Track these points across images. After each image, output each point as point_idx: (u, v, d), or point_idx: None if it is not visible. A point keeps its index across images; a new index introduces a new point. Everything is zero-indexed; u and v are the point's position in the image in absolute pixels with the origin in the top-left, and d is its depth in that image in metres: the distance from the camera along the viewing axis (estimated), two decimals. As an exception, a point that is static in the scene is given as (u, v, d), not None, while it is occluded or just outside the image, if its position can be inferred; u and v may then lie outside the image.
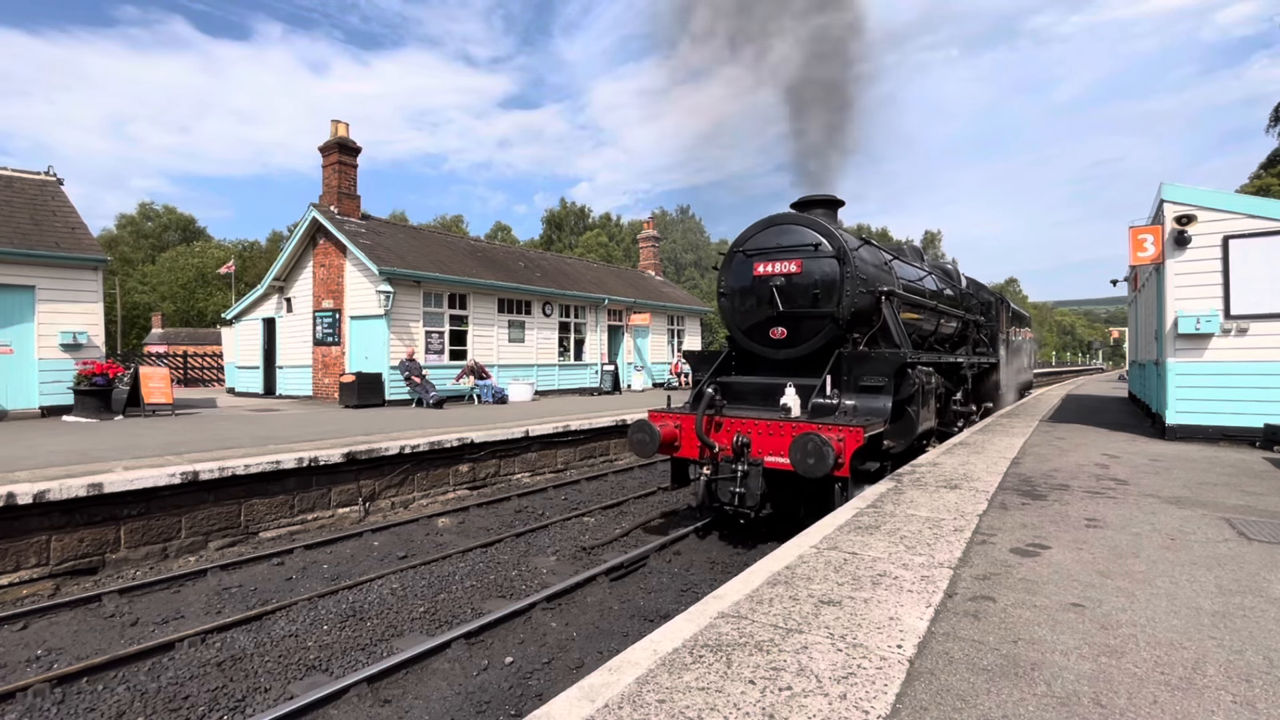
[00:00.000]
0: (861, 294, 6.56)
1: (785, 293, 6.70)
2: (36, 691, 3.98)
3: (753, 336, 7.06)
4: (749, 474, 5.91)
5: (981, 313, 12.07)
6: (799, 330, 6.74)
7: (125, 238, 62.14)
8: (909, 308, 7.88)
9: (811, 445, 5.24)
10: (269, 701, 3.94)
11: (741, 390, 7.02)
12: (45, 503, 5.90)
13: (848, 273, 6.42)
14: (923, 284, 8.93)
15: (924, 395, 6.61)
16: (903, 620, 2.52)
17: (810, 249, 6.62)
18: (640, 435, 6.44)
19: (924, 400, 6.62)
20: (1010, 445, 7.68)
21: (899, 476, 5.53)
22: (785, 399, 6.20)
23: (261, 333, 19.94)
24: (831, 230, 6.64)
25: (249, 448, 8.32)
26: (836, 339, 6.56)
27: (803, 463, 5.27)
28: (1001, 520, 4.22)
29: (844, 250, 6.49)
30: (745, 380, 7.11)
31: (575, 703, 1.91)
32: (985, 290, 13.10)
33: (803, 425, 5.70)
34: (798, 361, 6.75)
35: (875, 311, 6.88)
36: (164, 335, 45.50)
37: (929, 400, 6.89)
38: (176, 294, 53.75)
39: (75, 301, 12.86)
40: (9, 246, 12.05)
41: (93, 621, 5.17)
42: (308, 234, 17.82)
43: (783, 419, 5.94)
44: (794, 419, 5.96)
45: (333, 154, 17.63)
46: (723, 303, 7.37)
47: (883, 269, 7.35)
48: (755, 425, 6.01)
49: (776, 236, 6.88)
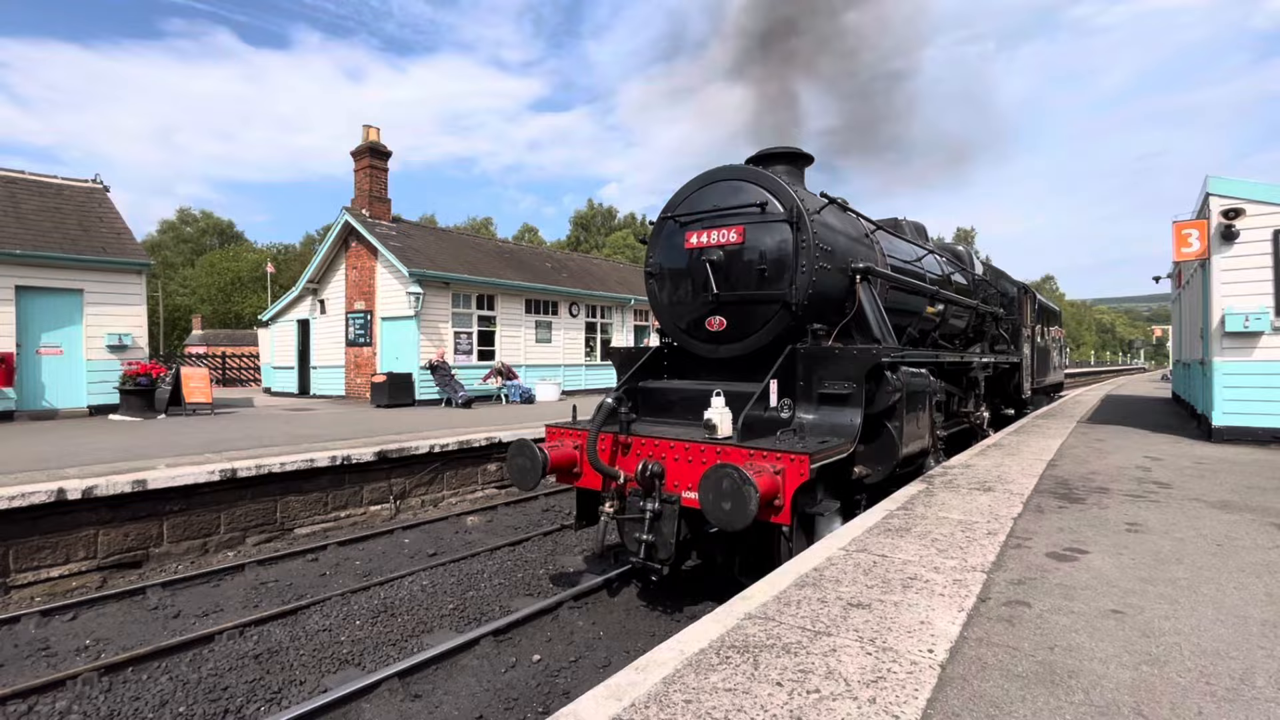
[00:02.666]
0: (825, 271, 5.07)
1: (723, 270, 5.17)
2: (85, 680, 4.14)
3: (687, 329, 5.56)
4: (661, 514, 4.46)
5: (1002, 305, 10.60)
6: (742, 320, 5.22)
7: (167, 242, 64.21)
8: (900, 293, 6.45)
9: (727, 484, 3.73)
10: (304, 694, 4.04)
11: (666, 399, 5.44)
12: (93, 498, 6.13)
13: (804, 242, 4.91)
14: (921, 265, 7.48)
15: (911, 404, 5.07)
16: (934, 624, 2.48)
17: (754, 210, 5.07)
18: (520, 461, 4.81)
19: (911, 411, 5.08)
20: (1046, 447, 7.49)
21: (930, 478, 5.43)
22: (710, 413, 4.52)
23: (296, 334, 20.43)
24: (783, 186, 5.09)
25: (284, 446, 8.52)
26: (791, 331, 5.07)
27: (714, 508, 3.80)
28: (1037, 524, 4.11)
29: (798, 211, 4.94)
30: (671, 386, 5.55)
31: (602, 701, 1.92)
32: (1006, 279, 11.49)
33: (731, 451, 4.22)
34: (743, 361, 5.28)
35: (848, 296, 5.38)
36: (203, 336, 46.91)
37: (920, 410, 5.31)
38: (214, 296, 55.37)
39: (121, 304, 13.33)
40: (59, 252, 12.55)
41: (137, 613, 5.36)
42: (340, 237, 18.20)
43: (705, 441, 4.42)
44: (719, 440, 4.38)
45: (364, 158, 17.98)
46: (650, 286, 5.81)
47: (860, 241, 5.86)
48: (671, 448, 4.54)
49: (713, 196, 5.34)
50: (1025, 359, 11.17)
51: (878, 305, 5.47)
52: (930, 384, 5.51)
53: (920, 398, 5.31)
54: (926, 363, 5.96)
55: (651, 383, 5.67)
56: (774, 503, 3.95)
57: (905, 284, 6.51)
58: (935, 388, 5.80)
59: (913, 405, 5.12)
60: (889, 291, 6.11)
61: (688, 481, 4.40)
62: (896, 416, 4.87)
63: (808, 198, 5.27)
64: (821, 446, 4.26)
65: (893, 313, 5.96)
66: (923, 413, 5.41)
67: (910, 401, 5.02)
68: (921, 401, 5.35)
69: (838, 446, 4.44)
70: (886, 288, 6.05)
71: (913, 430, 5.15)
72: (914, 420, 5.16)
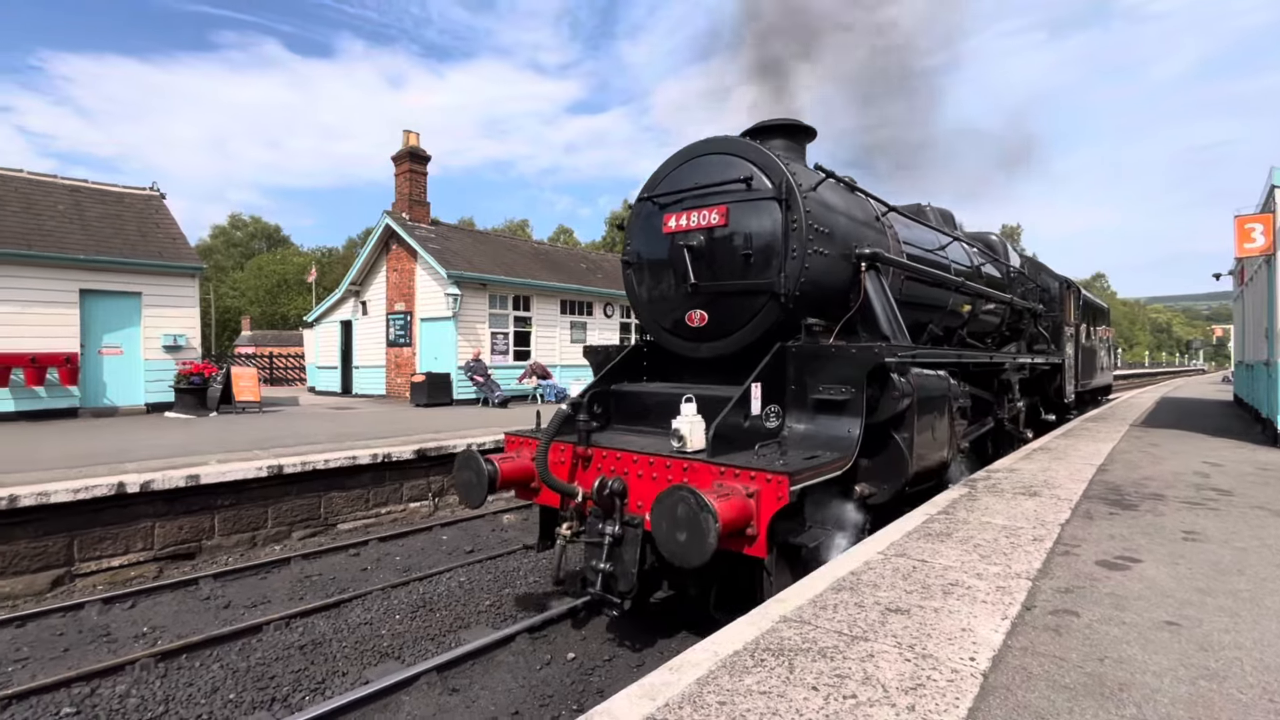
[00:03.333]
0: (821, 257, 4.44)
1: (705, 257, 4.58)
2: (143, 665, 4.34)
3: (667, 325, 4.99)
4: (623, 539, 3.91)
5: (1042, 301, 9.83)
6: (726, 314, 4.61)
7: (218, 246, 66.71)
8: (919, 284, 5.77)
9: (682, 510, 3.20)
10: (346, 685, 4.15)
11: (641, 404, 4.83)
12: (150, 492, 6.41)
13: (795, 222, 4.30)
14: (945, 254, 6.72)
15: (925, 411, 4.40)
16: (976, 632, 2.41)
17: (739, 187, 4.47)
18: (464, 475, 4.33)
19: (925, 419, 4.41)
20: (1096, 451, 7.22)
21: (972, 482, 5.29)
22: (678, 421, 3.88)
23: (339, 334, 21.01)
24: (771, 158, 4.48)
25: (328, 444, 8.77)
26: (781, 327, 4.44)
27: (668, 539, 3.28)
28: (1086, 530, 3.97)
29: (788, 186, 4.32)
30: (647, 390, 4.93)
31: (636, 700, 1.92)
32: (1047, 273, 10.65)
33: (700, 467, 3.62)
34: (729, 362, 4.66)
35: (851, 286, 4.76)
36: (252, 337, 48.61)
37: (936, 418, 4.61)
38: (262, 298, 57.33)
39: (176, 306, 13.91)
40: (119, 257, 13.16)
41: (191, 603, 5.58)
42: (381, 240, 18.65)
43: (671, 455, 3.81)
44: (688, 455, 3.76)
45: (404, 163, 18.38)
46: (628, 277, 5.22)
47: (868, 225, 5.20)
48: (635, 462, 3.94)
49: (693, 173, 4.77)
50: (1068, 359, 10.26)
51: (887, 298, 4.82)
52: (949, 387, 4.83)
53: (936, 403, 4.60)
54: (946, 363, 5.22)
55: (627, 386, 5.04)
56: (746, 531, 3.34)
57: (925, 274, 5.77)
58: (956, 392, 5.06)
59: (927, 412, 4.43)
60: (905, 283, 5.50)
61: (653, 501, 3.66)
62: (906, 426, 4.20)
63: (802, 172, 4.61)
64: (807, 463, 3.59)
65: (910, 307, 5.48)
66: (940, 421, 4.65)
67: (924, 408, 4.36)
68: (938, 408, 4.63)
69: (829, 463, 3.73)
70: (901, 278, 5.41)
71: (927, 441, 4.44)
72: (928, 430, 4.46)
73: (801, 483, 3.45)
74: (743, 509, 3.32)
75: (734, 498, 3.33)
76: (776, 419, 4.16)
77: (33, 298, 12.14)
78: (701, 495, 3.18)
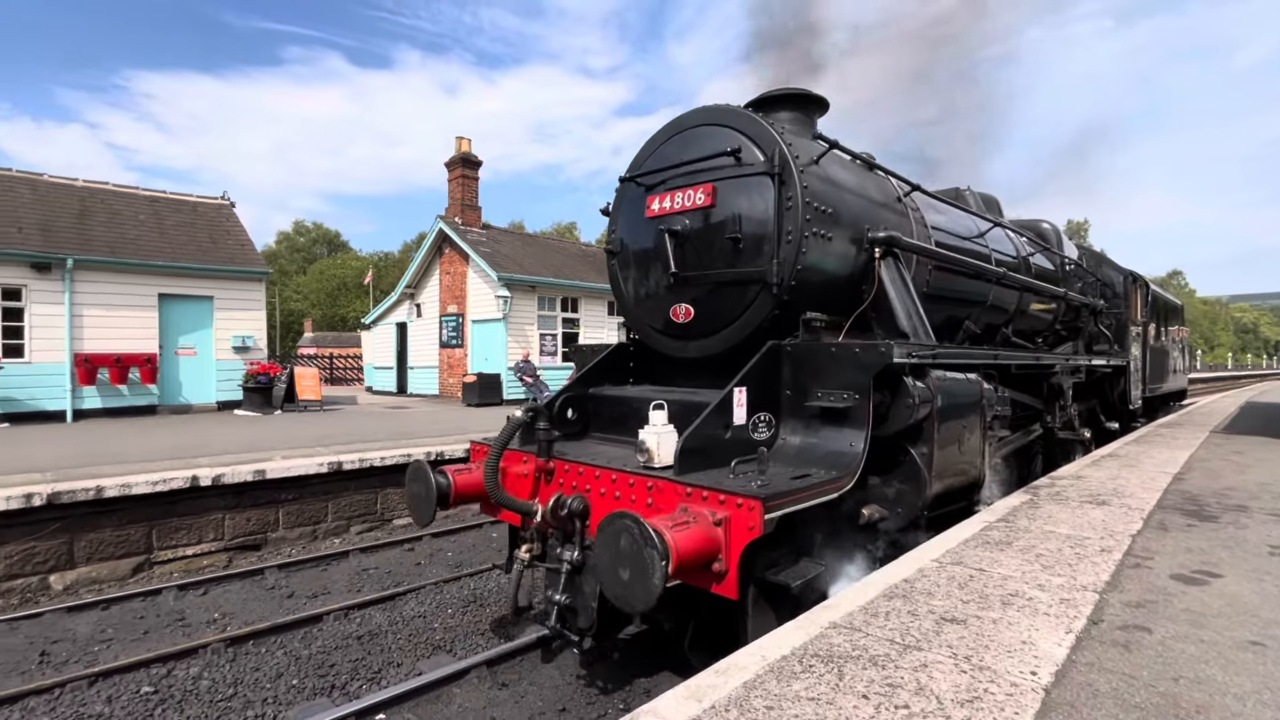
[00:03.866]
0: (823, 241, 3.88)
1: (691, 243, 4.04)
2: (214, 650, 4.58)
3: (653, 321, 4.43)
4: (583, 567, 3.45)
5: (1103, 296, 8.95)
6: (713, 307, 4.06)
7: (282, 252, 69.88)
8: (951, 275, 5.09)
9: (625, 543, 2.70)
10: (400, 675, 4.28)
11: (621, 410, 4.24)
12: (221, 485, 6.77)
13: (790, 200, 3.74)
14: (984, 241, 5.96)
15: (949, 421, 3.76)
16: (1037, 645, 2.31)
17: (727, 162, 3.92)
18: (414, 488, 3.90)
19: (949, 430, 3.76)
20: (1172, 459, 6.82)
21: (1035, 489, 5.07)
22: (645, 432, 3.37)
23: (395, 336, 21.71)
24: (763, 127, 3.92)
25: (384, 441, 9.07)
26: (776, 322, 3.86)
27: (611, 577, 2.78)
28: (1160, 542, 3.75)
29: (782, 159, 3.77)
30: (627, 394, 4.36)
31: (682, 701, 1.92)
32: (1109, 265, 9.66)
33: (666, 486, 3.12)
34: (719, 362, 4.06)
35: (864, 276, 4.19)
36: (314, 339, 50.72)
37: (964, 429, 3.94)
38: (323, 301, 59.77)
39: (244, 309, 14.65)
40: (194, 263, 13.96)
41: (257, 591, 5.86)
42: (435, 244, 19.19)
43: (635, 471, 3.30)
44: (653, 472, 3.24)
45: (457, 169, 18.86)
46: (612, 269, 4.71)
47: (887, 206, 4.56)
48: (597, 478, 3.43)
49: (680, 148, 4.24)
50: (1133, 361, 9.27)
51: (908, 289, 4.21)
52: (981, 393, 4.18)
53: (965, 412, 3.96)
54: (980, 365, 4.52)
55: (609, 390, 4.47)
56: (713, 566, 2.82)
57: (958, 264, 5.11)
58: (992, 398, 4.46)
59: (952, 422, 3.81)
60: (933, 273, 4.88)
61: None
62: (924, 439, 3.63)
63: (801, 144, 4.03)
64: (793, 485, 3.03)
65: (941, 300, 4.97)
66: (970, 432, 4.02)
67: (948, 417, 3.76)
68: (967, 417, 3.99)
69: (821, 484, 3.14)
70: (929, 268, 4.81)
71: (951, 457, 3.80)
72: (953, 443, 3.83)
73: (780, 509, 2.88)
74: (706, 540, 2.78)
75: (696, 526, 2.79)
76: (767, 429, 3.59)
77: (117, 302, 12.99)
78: (646, 525, 2.63)
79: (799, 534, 3.34)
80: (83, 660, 4.56)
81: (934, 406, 3.62)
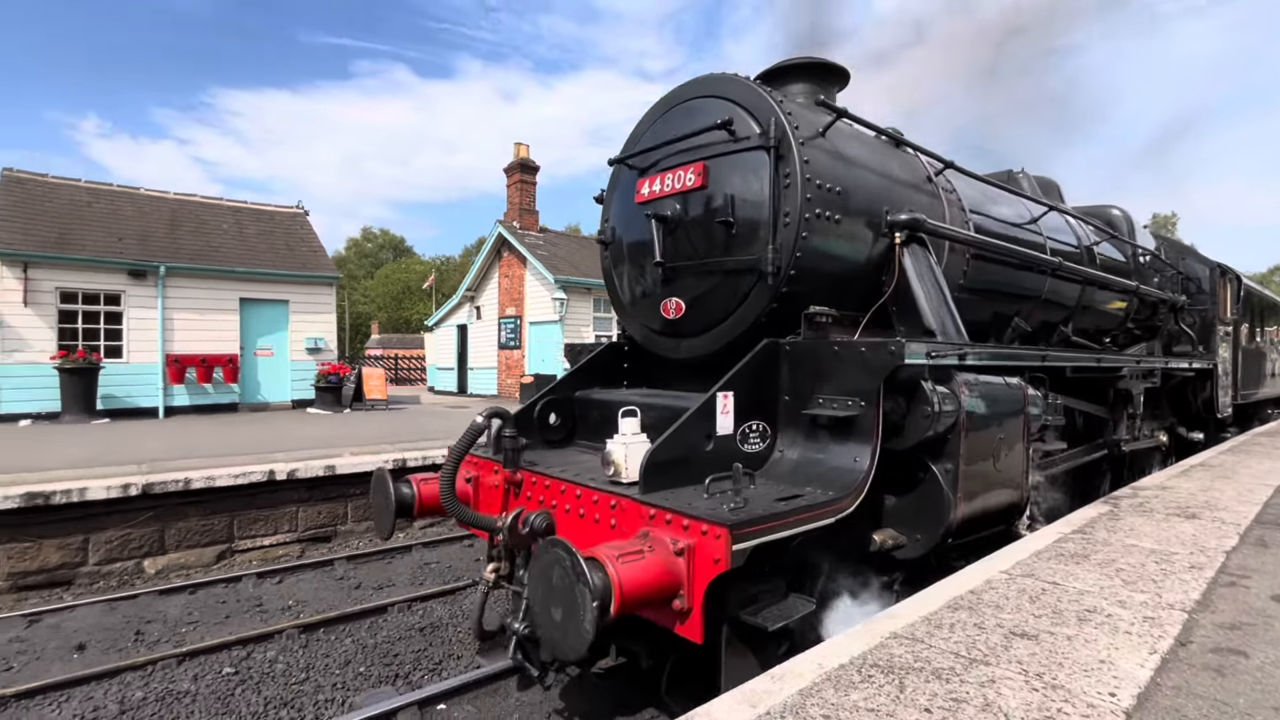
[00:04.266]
0: (830, 223, 3.39)
1: (678, 228, 3.61)
2: (289, 635, 4.84)
3: (647, 318, 4.01)
4: None
5: (1184, 291, 8.05)
6: (706, 301, 3.61)
7: (351, 257, 73.08)
8: (996, 265, 4.58)
9: (558, 577, 2.34)
10: (460, 668, 4.41)
11: (605, 415, 3.75)
12: (295, 480, 7.13)
13: (788, 177, 3.28)
14: (1038, 228, 5.34)
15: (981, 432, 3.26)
16: (1117, 665, 2.18)
17: (720, 136, 3.47)
18: (376, 499, 3.66)
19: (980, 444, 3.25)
20: (1274, 469, 6.30)
21: (1116, 500, 4.78)
22: (612, 443, 3.02)
23: (456, 338, 22.38)
24: (760, 95, 3.46)
25: (446, 440, 9.36)
26: (774, 317, 3.39)
27: (544, 616, 2.43)
28: (1259, 560, 3.47)
29: (780, 129, 3.30)
30: (614, 397, 3.83)
31: (736, 706, 1.90)
32: (1193, 257, 8.64)
33: (629, 506, 2.74)
34: (714, 363, 3.47)
35: (883, 265, 3.69)
36: (380, 340, 52.80)
37: (1001, 442, 3.41)
38: (389, 304, 62.17)
39: (316, 312, 15.42)
40: (272, 269, 14.78)
41: (327, 581, 6.15)
42: (494, 248, 19.67)
43: (599, 487, 2.92)
44: (618, 489, 2.86)
45: (515, 174, 19.29)
46: (604, 262, 4.30)
47: (913, 186, 4.04)
48: (563, 492, 3.09)
49: (674, 125, 3.76)
50: (1221, 363, 8.28)
51: (936, 281, 3.68)
52: (1024, 399, 3.64)
53: (1001, 422, 3.42)
54: (1023, 367, 3.91)
55: (598, 393, 4.04)
56: (672, 604, 2.41)
57: (1004, 253, 4.55)
58: (1043, 406, 3.90)
59: (984, 433, 3.27)
60: (970, 262, 4.35)
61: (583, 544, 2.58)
62: (948, 453, 3.12)
63: (803, 113, 3.55)
64: (774, 509, 2.57)
65: (983, 294, 4.54)
66: (1008, 445, 3.46)
67: (979, 427, 3.23)
68: (1003, 427, 3.44)
69: (811, 508, 2.66)
70: (966, 256, 4.28)
71: (984, 475, 3.28)
72: (986, 457, 3.30)
73: (754, 538, 2.42)
74: (663, 574, 2.38)
75: (652, 556, 2.40)
76: (761, 441, 3.13)
77: (203, 305, 13.89)
78: (578, 556, 2.25)
79: (793, 563, 2.90)
80: (172, 640, 4.89)
81: (960, 415, 3.12)
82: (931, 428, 3.00)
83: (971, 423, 3.19)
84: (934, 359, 3.09)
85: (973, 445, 3.20)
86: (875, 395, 2.92)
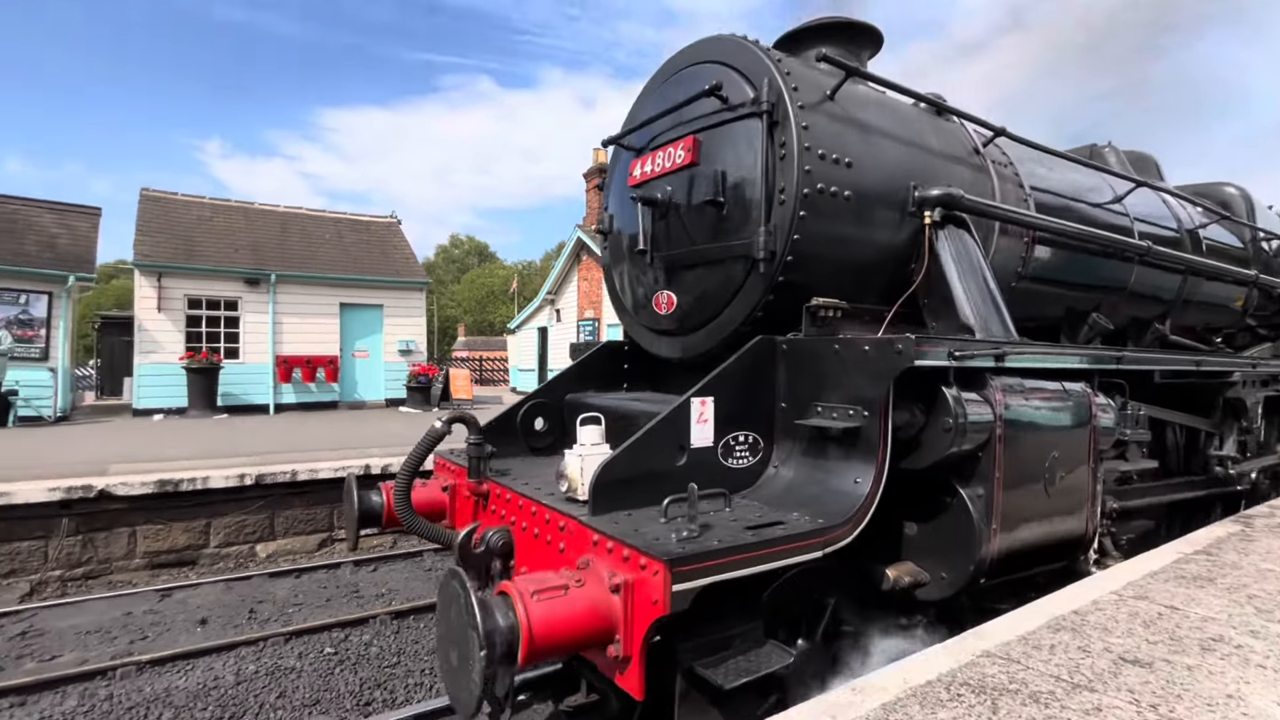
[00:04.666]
0: (837, 201, 2.89)
1: (668, 211, 3.21)
2: (382, 621, 5.13)
3: (639, 313, 3.62)
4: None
5: None
6: (697, 294, 3.20)
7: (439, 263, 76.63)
8: (1067, 251, 4.00)
9: (455, 614, 1.97)
10: (539, 661, 4.51)
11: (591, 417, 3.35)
12: (388, 474, 7.54)
13: (783, 147, 2.80)
14: (1118, 208, 4.57)
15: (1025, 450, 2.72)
16: (1248, 701, 1.97)
17: (712, 105, 3.06)
18: (345, 507, 3.34)
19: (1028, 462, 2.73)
20: None
21: (1248, 519, 4.31)
22: (569, 455, 2.65)
23: (536, 340, 23.02)
24: (755, 54, 2.99)
25: (526, 439, 9.65)
26: (771, 310, 2.93)
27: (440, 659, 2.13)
28: None
29: (774, 92, 2.83)
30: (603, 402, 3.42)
31: (816, 716, 1.86)
32: None
33: (577, 529, 2.33)
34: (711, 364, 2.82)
35: (911, 250, 3.14)
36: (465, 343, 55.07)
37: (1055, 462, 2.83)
38: (474, 308, 64.75)
39: (408, 316, 16.29)
40: (368, 275, 15.74)
41: (416, 572, 6.47)
42: (573, 252, 20.10)
43: (552, 505, 2.54)
44: (569, 508, 2.48)
45: (593, 179, 19.62)
46: (604, 254, 3.95)
47: (953, 157, 3.47)
48: (521, 508, 2.72)
49: (667, 97, 3.34)
50: None
51: (975, 268, 3.08)
52: (1091, 408, 3.04)
53: (1055, 436, 2.87)
54: (1091, 370, 3.25)
55: (591, 397, 3.62)
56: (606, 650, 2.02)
57: (1075, 235, 3.87)
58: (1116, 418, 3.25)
59: (1029, 450, 2.73)
60: (1031, 247, 3.76)
61: (540, 566, 2.46)
62: (979, 475, 2.59)
63: (806, 73, 3.06)
64: (738, 540, 2.10)
65: (1050, 285, 3.99)
66: (1066, 466, 2.88)
67: (1023, 444, 2.69)
68: (1059, 443, 2.86)
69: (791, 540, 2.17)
70: (1025, 239, 3.70)
71: (1032, 501, 2.75)
72: (1033, 480, 2.75)
73: (700, 576, 1.96)
74: (589, 614, 1.98)
75: (579, 592, 2.01)
76: (751, 455, 2.69)
77: (308, 310, 14.97)
78: (471, 592, 1.89)
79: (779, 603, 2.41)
80: (280, 619, 5.29)
81: (995, 429, 2.57)
82: (955, 443, 2.49)
83: (1014, 436, 2.66)
84: (959, 360, 2.53)
85: (1016, 464, 2.67)
86: (881, 403, 2.42)
